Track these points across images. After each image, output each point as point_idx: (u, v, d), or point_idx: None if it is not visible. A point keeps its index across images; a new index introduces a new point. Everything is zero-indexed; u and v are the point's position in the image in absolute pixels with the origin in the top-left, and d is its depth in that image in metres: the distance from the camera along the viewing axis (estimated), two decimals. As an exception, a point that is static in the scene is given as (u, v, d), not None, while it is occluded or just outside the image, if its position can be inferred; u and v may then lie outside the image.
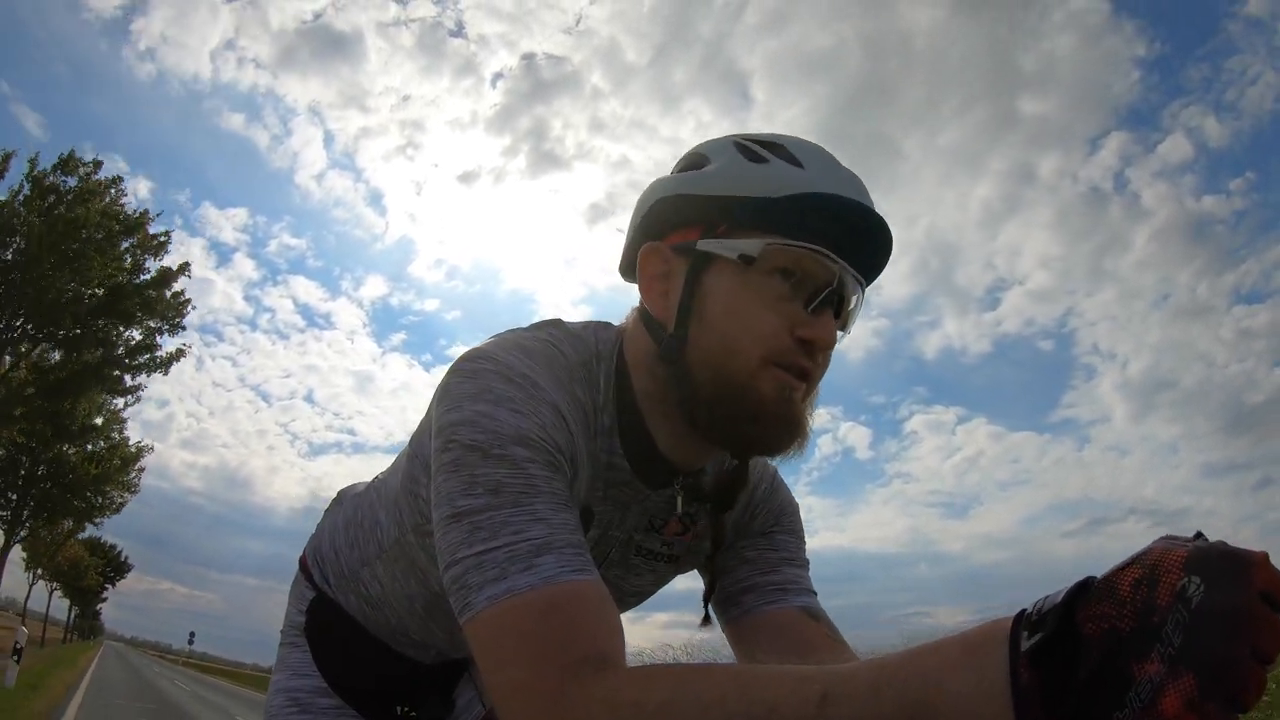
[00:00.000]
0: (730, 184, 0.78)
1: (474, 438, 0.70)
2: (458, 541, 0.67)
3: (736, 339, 0.76)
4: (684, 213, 0.81)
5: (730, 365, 0.76)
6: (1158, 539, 0.46)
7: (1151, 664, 0.41)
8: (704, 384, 0.77)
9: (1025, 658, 0.44)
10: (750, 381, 0.75)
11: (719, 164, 0.80)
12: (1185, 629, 0.41)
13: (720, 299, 0.77)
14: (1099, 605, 0.43)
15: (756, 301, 0.76)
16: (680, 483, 0.87)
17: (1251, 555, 0.42)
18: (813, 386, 0.80)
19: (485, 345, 0.79)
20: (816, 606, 0.92)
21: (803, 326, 0.75)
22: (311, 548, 1.17)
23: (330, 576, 1.11)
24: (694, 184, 0.80)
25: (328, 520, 1.18)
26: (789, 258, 0.75)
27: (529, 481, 0.69)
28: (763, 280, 0.76)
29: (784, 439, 0.78)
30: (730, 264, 0.76)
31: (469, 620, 0.65)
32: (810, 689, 0.50)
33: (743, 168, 0.78)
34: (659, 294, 0.81)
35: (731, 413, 0.77)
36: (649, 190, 0.86)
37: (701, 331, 0.77)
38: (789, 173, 0.76)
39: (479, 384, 0.73)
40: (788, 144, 0.80)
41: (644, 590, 0.99)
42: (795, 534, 0.98)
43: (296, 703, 1.10)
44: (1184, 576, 0.42)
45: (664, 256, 0.82)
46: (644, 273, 0.83)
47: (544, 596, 0.63)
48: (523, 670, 0.61)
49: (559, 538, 0.67)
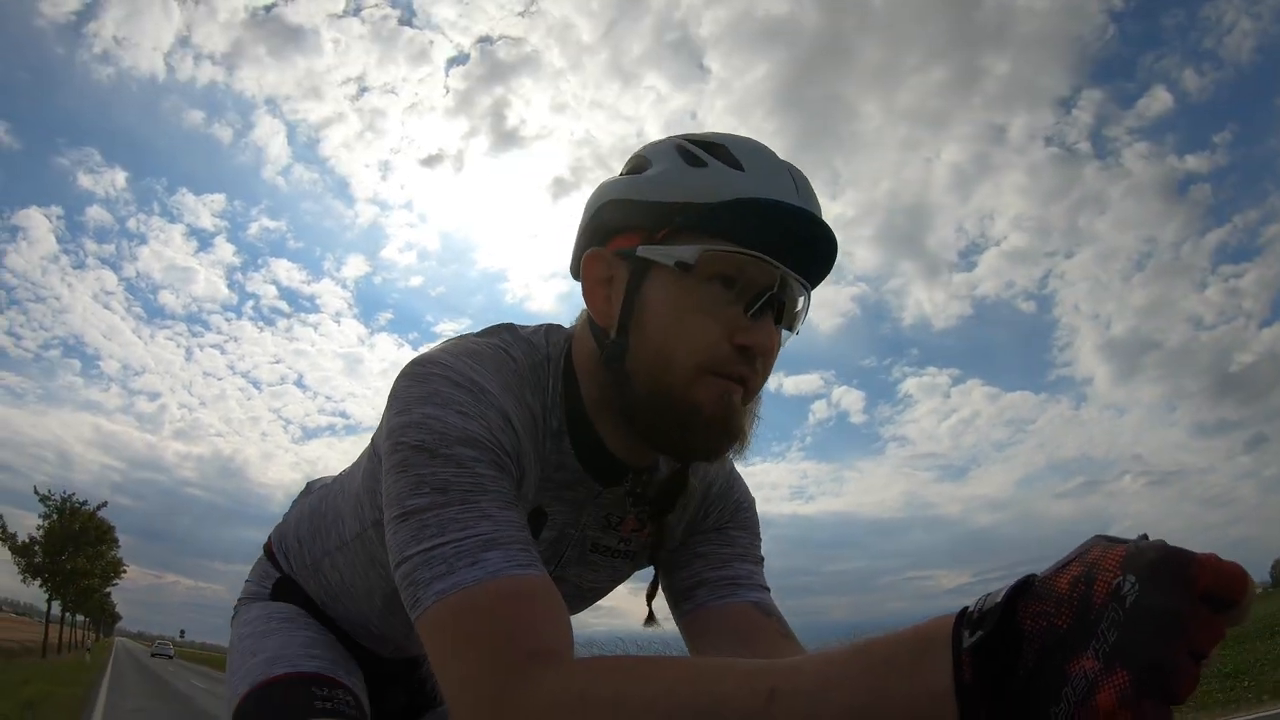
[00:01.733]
0: (670, 189, 0.78)
1: (421, 438, 0.71)
2: (406, 539, 0.69)
3: (673, 347, 0.77)
4: (626, 218, 0.81)
5: (667, 373, 0.77)
6: (1097, 536, 0.46)
7: (1087, 660, 0.41)
8: (642, 391, 0.79)
9: (968, 655, 0.45)
10: (687, 390, 0.77)
11: (659, 168, 0.81)
12: (1120, 627, 0.41)
13: (659, 306, 0.78)
14: (1039, 603, 0.44)
15: (694, 309, 0.77)
16: (630, 481, 0.90)
17: (1188, 555, 0.42)
18: (753, 392, 0.81)
19: (435, 350, 0.81)
20: (768, 602, 0.94)
21: (741, 333, 0.77)
22: (277, 534, 1.21)
23: (293, 564, 1.15)
24: (635, 189, 0.81)
25: (294, 509, 1.21)
26: (728, 263, 0.76)
27: (475, 480, 0.70)
28: (701, 287, 0.77)
29: (720, 445, 0.80)
30: (669, 271, 0.77)
31: (419, 616, 0.67)
32: (759, 683, 0.51)
33: (682, 172, 0.79)
34: (602, 299, 0.83)
35: (669, 420, 0.78)
36: (595, 193, 0.87)
37: (641, 339, 0.79)
38: (728, 176, 0.77)
39: (428, 388, 0.75)
40: (730, 145, 0.80)
41: (601, 587, 1.01)
42: (749, 530, 1.00)
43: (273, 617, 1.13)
44: (1120, 575, 0.42)
45: (606, 262, 0.82)
46: (587, 278, 0.84)
47: (491, 591, 0.64)
48: (471, 664, 0.62)
49: (505, 534, 0.68)
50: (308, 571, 1.13)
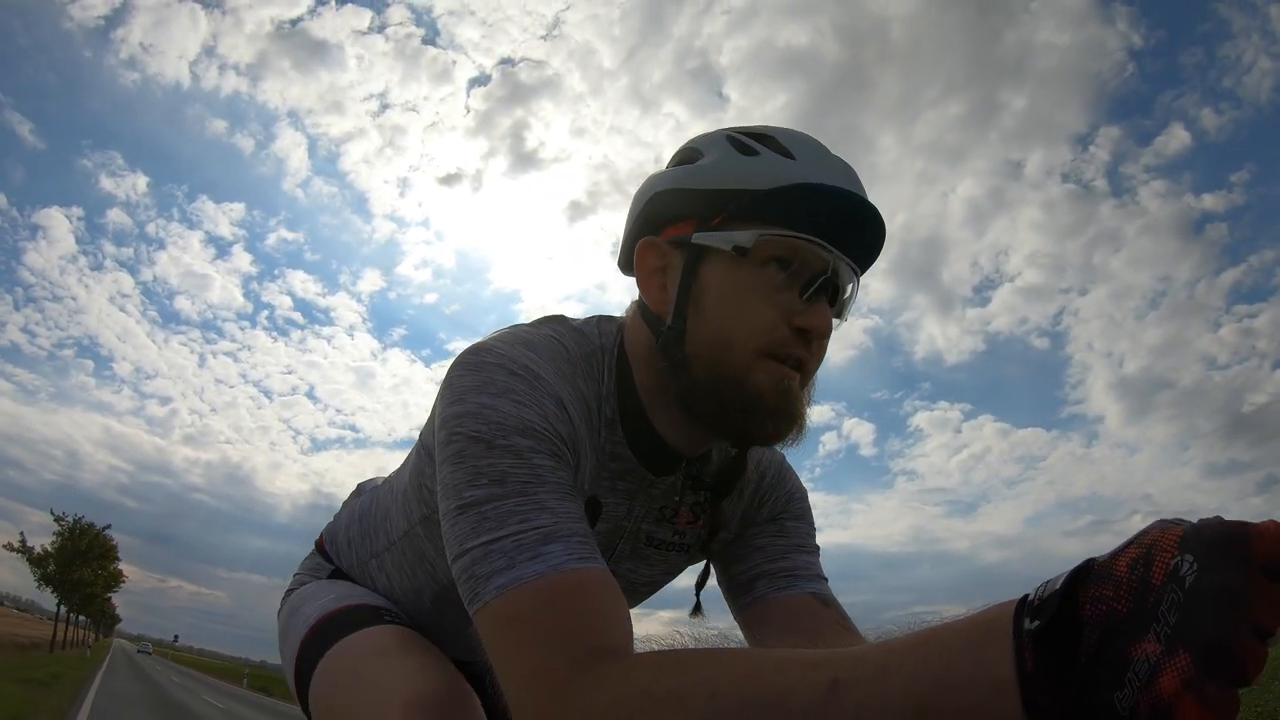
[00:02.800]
0: (723, 177, 0.80)
1: (477, 429, 0.71)
2: (465, 532, 0.68)
3: (732, 331, 0.78)
4: (679, 207, 0.83)
5: (727, 357, 0.78)
6: (1158, 520, 0.46)
7: (1148, 644, 0.41)
8: (701, 376, 0.79)
9: (1029, 641, 0.44)
10: (747, 374, 0.78)
11: (711, 158, 0.82)
12: (1180, 609, 0.40)
13: (716, 291, 0.79)
14: (1098, 587, 0.44)
15: (752, 293, 0.78)
16: (684, 469, 0.90)
17: (1245, 528, 0.41)
18: (809, 376, 0.81)
19: (488, 339, 0.81)
20: (827, 592, 0.94)
21: (799, 316, 0.78)
22: (329, 533, 1.21)
23: (342, 566, 1.16)
24: (687, 178, 0.83)
25: (345, 510, 1.21)
26: (783, 248, 0.77)
27: (533, 471, 0.70)
28: (758, 271, 0.78)
29: (781, 430, 0.80)
30: (725, 256, 0.78)
31: (478, 610, 0.66)
32: (820, 675, 0.51)
33: (735, 161, 0.80)
34: (657, 287, 0.84)
35: (729, 404, 0.79)
36: (644, 185, 0.88)
37: (699, 324, 0.80)
38: (780, 164, 0.79)
39: (482, 376, 0.75)
40: (778, 135, 0.82)
41: (656, 580, 1.00)
42: (804, 520, 1.00)
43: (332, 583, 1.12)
44: (1178, 555, 0.42)
45: (660, 251, 0.84)
46: (641, 267, 0.85)
47: (552, 584, 0.64)
48: (532, 659, 0.62)
49: (565, 526, 0.68)
50: (358, 572, 1.13)
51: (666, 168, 0.88)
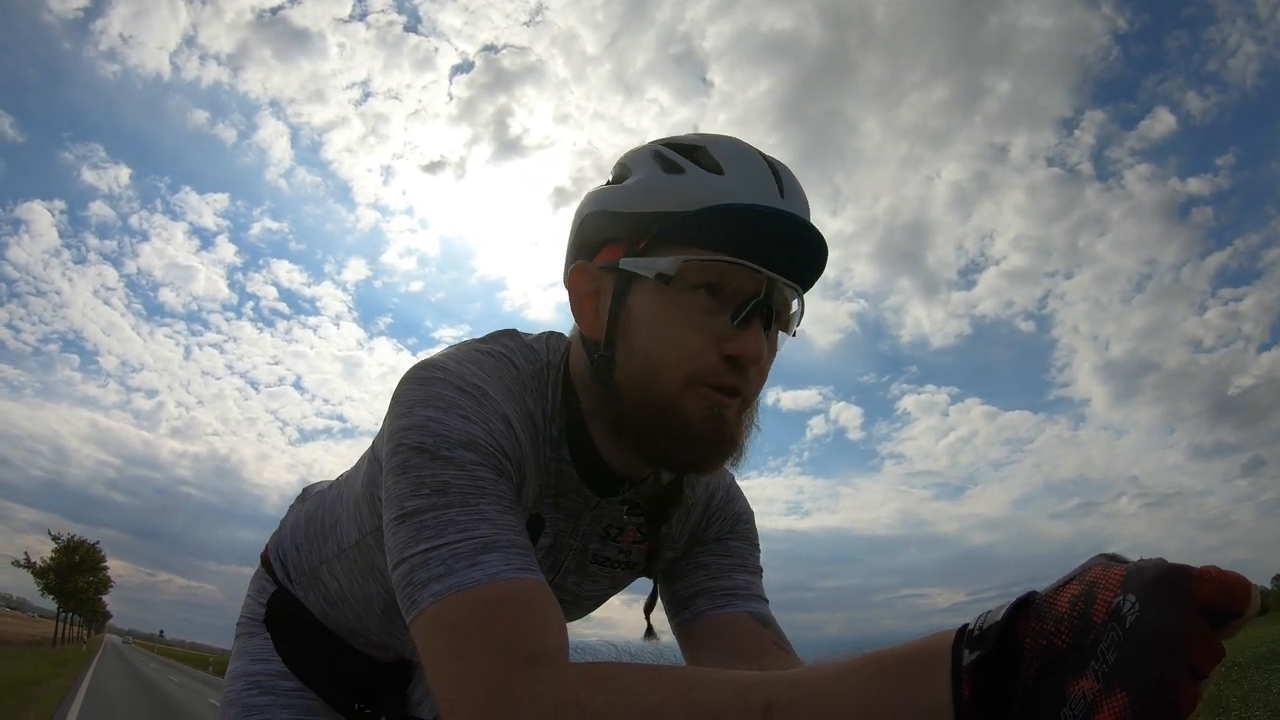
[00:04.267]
0: (647, 199, 0.78)
1: (422, 440, 0.71)
2: (404, 541, 0.68)
3: (659, 359, 0.76)
4: (608, 230, 0.81)
5: (654, 386, 0.77)
6: (1098, 555, 0.46)
7: (1086, 681, 0.41)
8: (630, 404, 0.78)
9: (967, 673, 0.44)
10: (675, 402, 0.76)
11: (638, 177, 0.80)
12: (1119, 647, 0.40)
13: (643, 319, 0.78)
14: (1039, 621, 0.44)
15: (679, 320, 0.76)
16: (626, 492, 0.90)
17: (1187, 571, 0.41)
18: (748, 401, 0.79)
19: (439, 355, 0.81)
20: (766, 613, 0.94)
21: (729, 342, 0.75)
22: (274, 542, 1.20)
23: (291, 572, 1.15)
24: (616, 199, 0.81)
25: (291, 516, 1.20)
26: (710, 272, 0.75)
27: (475, 483, 0.70)
28: (685, 297, 0.76)
29: (713, 458, 0.79)
30: (651, 283, 0.77)
31: (415, 617, 0.66)
32: (754, 696, 0.51)
33: (659, 180, 0.78)
34: (590, 312, 0.83)
35: (658, 431, 0.78)
36: (581, 203, 0.87)
37: (627, 352, 0.79)
38: (705, 181, 0.76)
39: (430, 391, 0.75)
40: (711, 146, 0.79)
41: (601, 594, 1.01)
42: (749, 541, 1.00)
43: (258, 685, 1.12)
44: (1120, 594, 0.42)
45: (592, 275, 0.82)
46: (574, 292, 0.84)
47: (489, 593, 0.64)
48: (465, 665, 0.62)
49: (504, 537, 0.68)
50: (305, 579, 1.12)
51: (603, 184, 0.86)
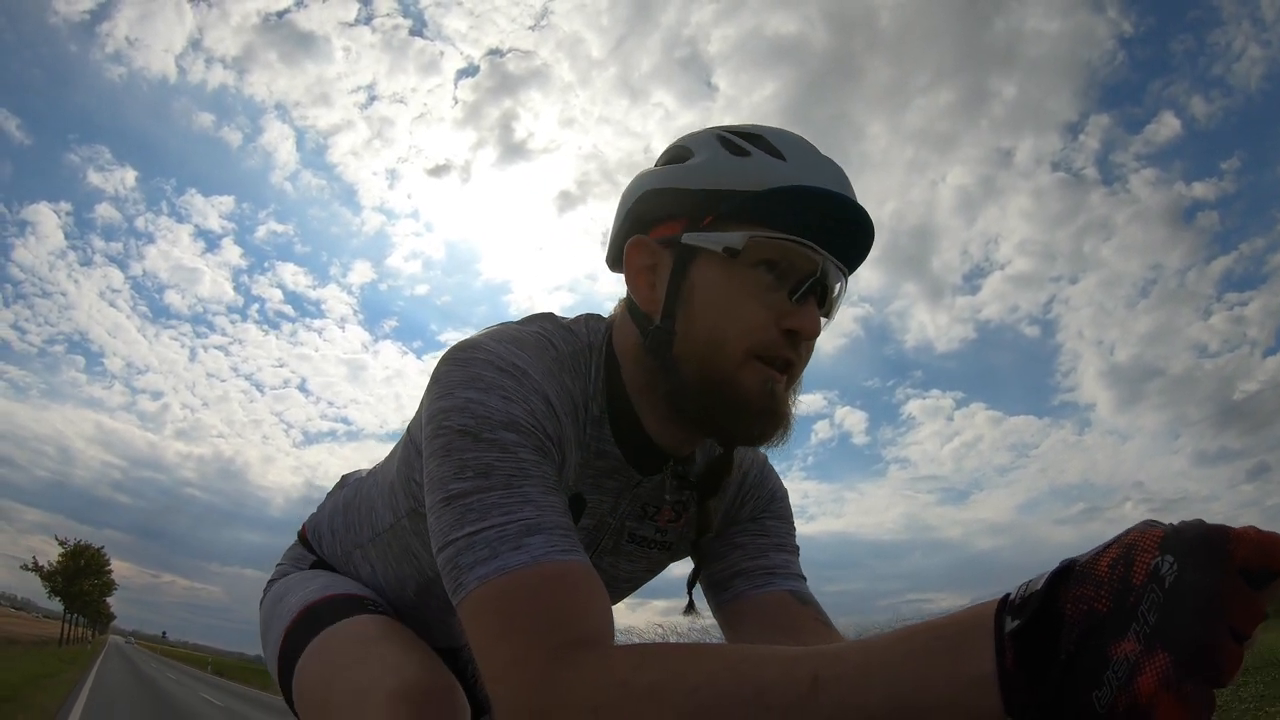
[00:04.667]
0: (714, 177, 0.80)
1: (464, 423, 0.72)
2: (450, 524, 0.69)
3: (722, 332, 0.78)
4: (669, 206, 0.83)
5: (715, 358, 0.79)
6: (1140, 521, 0.47)
7: (1128, 643, 0.42)
8: (690, 376, 0.80)
9: (1010, 639, 0.45)
10: (735, 375, 0.78)
11: (702, 157, 0.82)
12: (1159, 609, 0.41)
13: (706, 292, 0.79)
14: (1079, 587, 0.44)
15: (741, 294, 0.78)
16: (670, 468, 0.91)
17: (1226, 532, 0.42)
18: (795, 377, 0.82)
19: (477, 336, 0.82)
20: (805, 591, 0.95)
21: (788, 317, 0.78)
22: (311, 524, 1.22)
23: (326, 555, 1.16)
24: (678, 177, 0.83)
25: (329, 502, 1.21)
26: (773, 249, 0.77)
27: (518, 465, 0.71)
28: (747, 272, 0.78)
29: (767, 431, 0.81)
30: (715, 257, 0.78)
31: (461, 600, 0.67)
32: (801, 670, 0.51)
33: (725, 161, 0.80)
34: (646, 286, 0.84)
35: (716, 404, 0.80)
36: (634, 183, 0.88)
37: (688, 324, 0.80)
38: (771, 165, 0.79)
39: (470, 372, 0.76)
40: (768, 135, 0.82)
41: (638, 577, 1.01)
42: (785, 520, 1.01)
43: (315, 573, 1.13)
44: (1158, 555, 0.43)
45: (650, 250, 0.84)
46: (631, 266, 0.85)
47: (534, 575, 0.65)
48: (513, 648, 0.63)
49: (548, 519, 0.69)
50: (341, 564, 1.14)
51: (655, 165, 0.88)
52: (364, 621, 0.97)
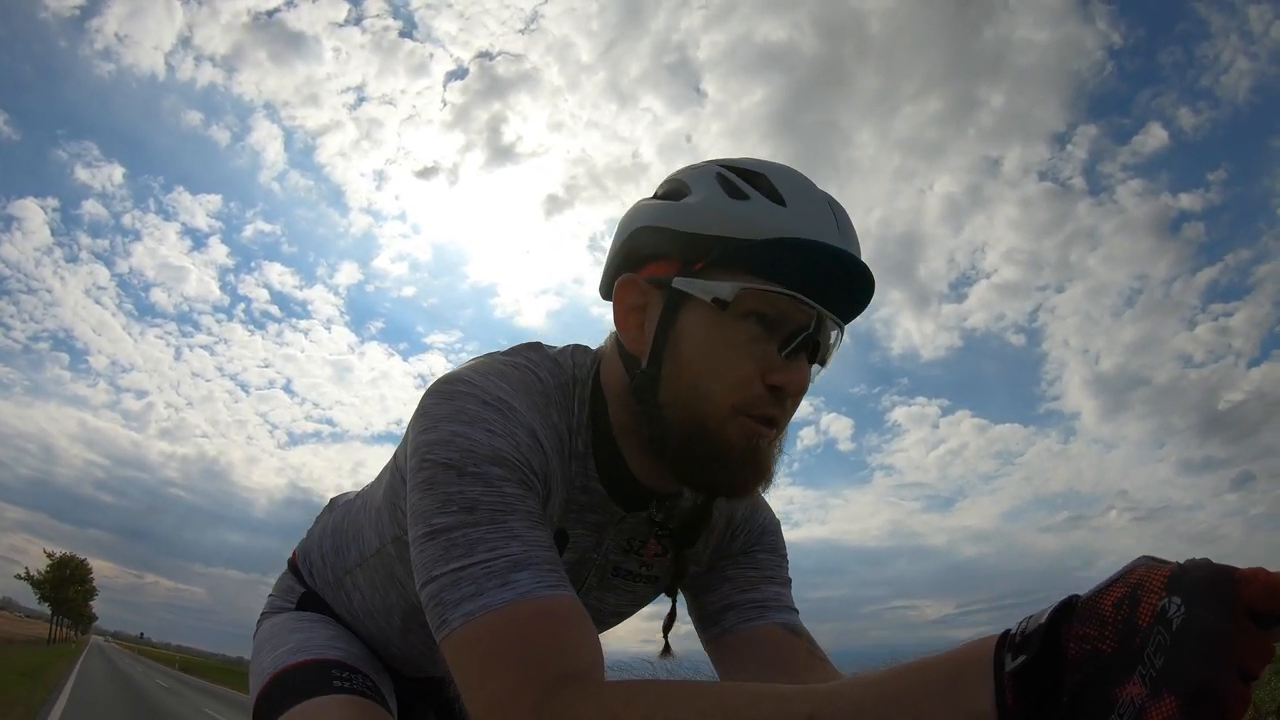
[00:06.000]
0: (709, 220, 0.77)
1: (448, 456, 0.71)
2: (433, 559, 0.69)
3: (708, 384, 0.76)
4: (661, 246, 0.80)
5: (700, 410, 0.77)
6: (1141, 557, 0.45)
7: (1133, 686, 0.41)
8: (674, 424, 0.78)
9: (1010, 679, 0.44)
10: (719, 428, 0.77)
11: (699, 197, 0.79)
12: (1166, 651, 0.40)
13: (694, 341, 0.77)
14: (1082, 626, 0.43)
15: (730, 346, 0.76)
16: (654, 507, 0.90)
17: (1233, 573, 0.41)
18: (781, 431, 0.80)
19: (463, 369, 0.81)
20: (797, 623, 0.94)
21: (775, 372, 0.76)
22: (302, 550, 1.21)
23: (317, 582, 1.16)
24: (672, 216, 0.80)
25: (318, 525, 1.21)
26: (764, 302, 0.75)
27: (503, 499, 0.70)
28: (737, 324, 0.76)
29: (748, 485, 0.80)
30: (705, 305, 0.76)
31: (446, 637, 0.66)
32: (796, 709, 0.51)
33: (723, 203, 0.77)
34: (634, 326, 0.82)
35: (698, 455, 0.78)
36: (629, 215, 0.86)
37: (674, 372, 0.78)
38: (769, 212, 0.76)
39: (455, 405, 0.75)
40: (771, 175, 0.79)
41: (623, 610, 1.01)
42: (776, 553, 1.00)
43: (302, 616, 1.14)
44: (1165, 596, 0.42)
45: (640, 289, 0.82)
46: (620, 304, 0.83)
47: (521, 612, 0.65)
48: (501, 685, 0.62)
49: (534, 554, 0.68)
50: (331, 589, 1.13)
51: (652, 197, 0.86)
52: (325, 706, 0.96)
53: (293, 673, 1.01)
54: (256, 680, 1.04)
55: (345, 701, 0.97)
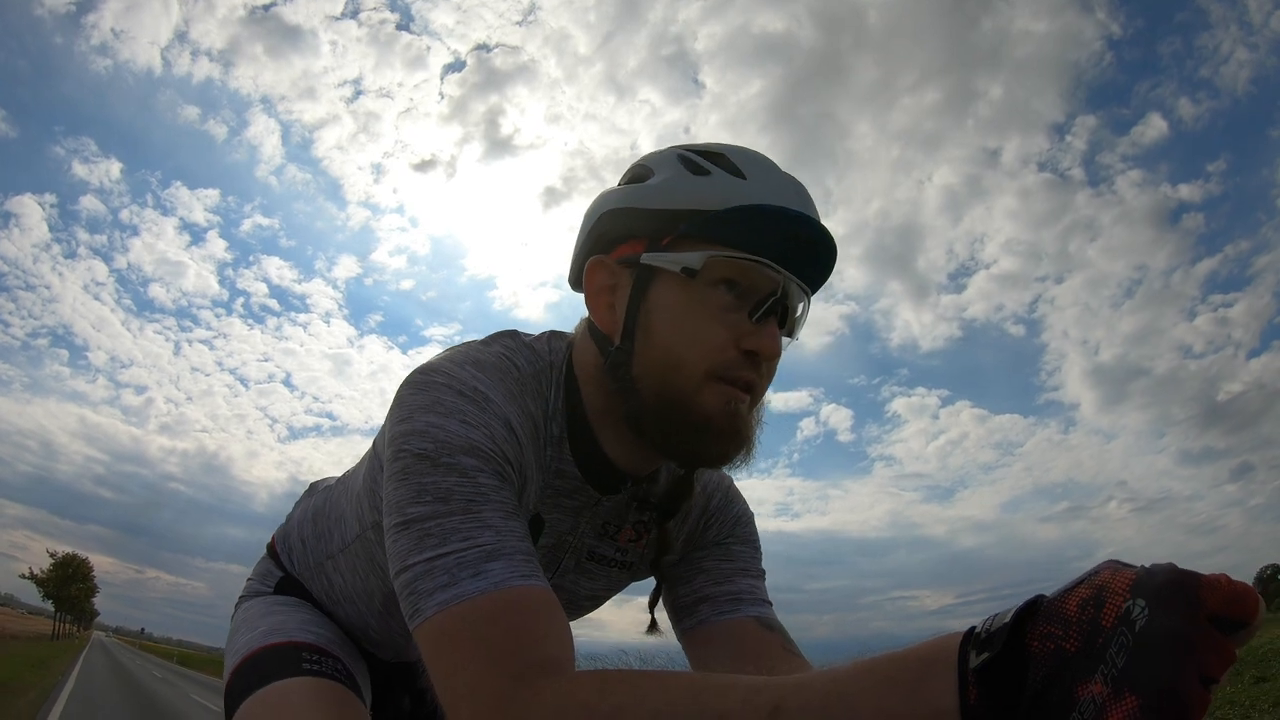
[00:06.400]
0: (673, 197, 0.80)
1: (423, 447, 0.72)
2: (407, 548, 0.69)
3: (681, 352, 0.78)
4: (629, 226, 0.83)
5: (675, 379, 0.78)
6: (1107, 560, 0.47)
7: (1095, 685, 0.41)
8: (649, 397, 0.80)
9: (973, 675, 0.45)
10: (695, 395, 0.78)
11: (662, 177, 0.82)
12: (1129, 652, 0.41)
13: (665, 312, 0.79)
14: (1047, 624, 0.44)
15: (701, 314, 0.78)
16: (630, 489, 0.91)
17: (1197, 578, 0.42)
18: (758, 397, 0.82)
19: (438, 359, 0.81)
20: (771, 616, 0.95)
21: (747, 338, 0.78)
22: (280, 534, 1.22)
23: (297, 565, 1.16)
24: (638, 197, 0.82)
25: (298, 510, 1.22)
26: (732, 269, 0.78)
27: (477, 489, 0.71)
28: (707, 292, 0.78)
29: (729, 452, 0.81)
30: (674, 277, 0.79)
31: (419, 626, 0.67)
32: (762, 699, 0.52)
33: (685, 180, 0.81)
34: (605, 307, 0.84)
35: (676, 426, 0.79)
36: (595, 203, 0.88)
37: (647, 345, 0.80)
38: (731, 184, 0.79)
39: (430, 396, 0.75)
40: (730, 154, 0.82)
41: (598, 596, 1.02)
42: (750, 544, 1.01)
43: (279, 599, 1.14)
44: (1129, 599, 0.43)
45: (610, 270, 0.84)
46: (590, 286, 0.85)
47: (493, 602, 0.65)
48: (473, 674, 0.62)
49: (508, 544, 0.69)
50: (311, 573, 1.14)
51: (617, 185, 0.88)
52: (295, 687, 0.97)
53: (264, 654, 1.02)
54: (230, 661, 1.06)
55: (313, 684, 0.99)
